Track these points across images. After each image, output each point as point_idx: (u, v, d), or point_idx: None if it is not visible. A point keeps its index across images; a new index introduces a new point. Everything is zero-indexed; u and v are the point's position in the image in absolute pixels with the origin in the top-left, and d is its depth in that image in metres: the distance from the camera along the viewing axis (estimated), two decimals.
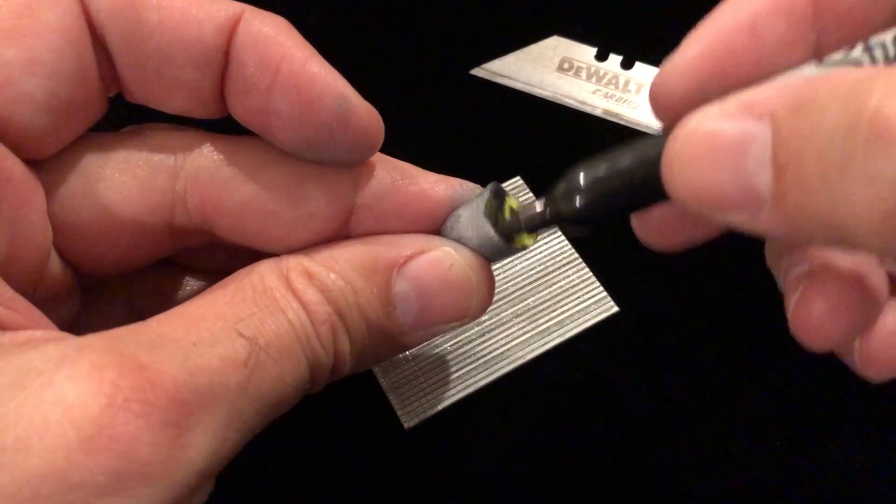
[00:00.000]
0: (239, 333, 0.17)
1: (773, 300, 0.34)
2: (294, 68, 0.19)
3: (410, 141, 0.22)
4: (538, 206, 0.20)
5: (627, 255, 0.34)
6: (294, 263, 0.20)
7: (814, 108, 0.13)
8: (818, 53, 0.17)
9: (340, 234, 0.21)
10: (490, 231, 0.20)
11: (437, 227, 0.22)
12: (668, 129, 0.16)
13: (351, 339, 0.20)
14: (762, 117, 0.14)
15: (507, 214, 0.21)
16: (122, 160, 0.20)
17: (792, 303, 0.18)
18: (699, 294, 0.34)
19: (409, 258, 0.20)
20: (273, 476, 0.29)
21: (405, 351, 0.20)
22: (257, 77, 0.19)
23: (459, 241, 0.21)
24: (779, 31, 0.16)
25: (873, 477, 0.29)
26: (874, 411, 0.31)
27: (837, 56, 0.16)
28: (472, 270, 0.21)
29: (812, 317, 0.18)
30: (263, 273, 0.19)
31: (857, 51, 0.15)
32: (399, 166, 0.22)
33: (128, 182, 0.20)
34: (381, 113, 0.21)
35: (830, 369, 0.32)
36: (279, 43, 0.19)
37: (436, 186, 0.21)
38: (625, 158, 0.18)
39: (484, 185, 0.22)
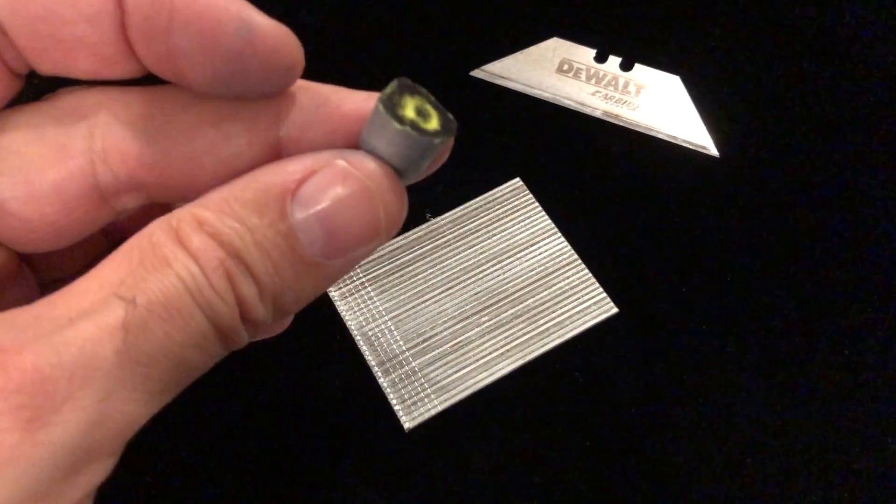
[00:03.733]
0: (118, 297, 0.16)
1: (771, 300, 0.34)
2: (188, 0, 0.17)
3: None
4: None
5: (627, 257, 0.34)
6: (185, 214, 0.18)
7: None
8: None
9: None
10: (386, 121, 0.18)
11: None
12: None
13: (257, 281, 0.18)
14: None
15: (412, 110, 0.19)
16: (34, 130, 0.19)
17: None
18: (698, 295, 0.34)
19: (300, 182, 0.19)
20: (273, 476, 0.30)
21: (332, 284, 0.18)
22: (154, 18, 0.18)
23: (372, 151, 0.19)
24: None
25: (875, 477, 0.29)
26: (875, 412, 0.31)
27: None
28: (370, 180, 0.19)
29: None
30: (152, 231, 0.18)
31: None
32: (322, 91, 0.20)
33: (43, 151, 0.19)
34: None
35: (831, 369, 0.32)
36: None
37: (363, 105, 0.20)
38: None
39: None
